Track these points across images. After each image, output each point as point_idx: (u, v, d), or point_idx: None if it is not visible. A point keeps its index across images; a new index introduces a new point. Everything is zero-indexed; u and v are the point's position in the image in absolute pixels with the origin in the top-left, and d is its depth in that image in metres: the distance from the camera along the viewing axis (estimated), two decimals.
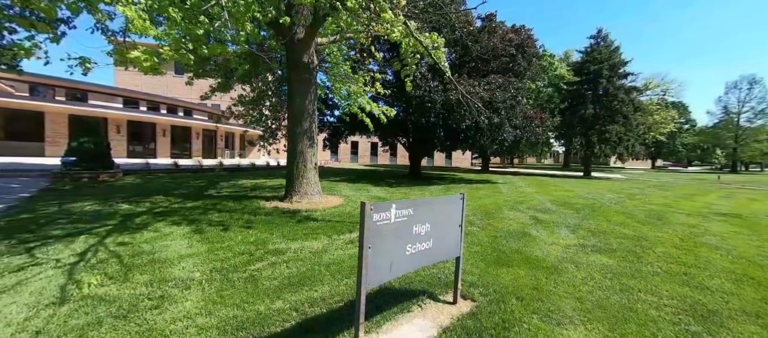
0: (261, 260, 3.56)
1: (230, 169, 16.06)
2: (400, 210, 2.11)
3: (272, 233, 4.54)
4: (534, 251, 4.06)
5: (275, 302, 2.58)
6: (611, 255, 3.96)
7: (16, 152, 15.40)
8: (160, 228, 4.56)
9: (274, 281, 2.99)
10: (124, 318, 2.32)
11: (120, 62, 3.82)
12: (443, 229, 2.50)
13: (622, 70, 22.09)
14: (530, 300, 2.67)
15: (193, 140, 23.12)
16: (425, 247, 2.34)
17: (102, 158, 10.04)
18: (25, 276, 2.94)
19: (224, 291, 2.77)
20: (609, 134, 20.78)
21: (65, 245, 3.75)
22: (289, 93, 6.93)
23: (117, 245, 3.80)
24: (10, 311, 2.35)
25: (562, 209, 7.44)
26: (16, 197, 6.70)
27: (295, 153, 6.81)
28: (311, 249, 3.95)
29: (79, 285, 2.78)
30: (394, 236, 2.10)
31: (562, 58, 34.76)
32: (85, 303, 2.49)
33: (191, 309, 2.45)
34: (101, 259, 3.38)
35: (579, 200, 8.99)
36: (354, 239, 4.40)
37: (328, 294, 2.74)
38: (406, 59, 4.94)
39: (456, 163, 38.50)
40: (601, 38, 22.68)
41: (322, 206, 6.53)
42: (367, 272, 1.91)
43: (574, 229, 5.35)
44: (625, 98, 20.99)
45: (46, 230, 4.36)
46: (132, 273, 3.08)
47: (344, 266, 3.40)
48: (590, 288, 2.97)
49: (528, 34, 13.04)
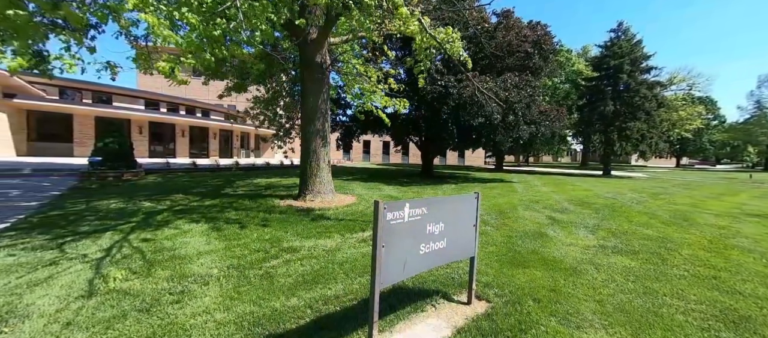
0: (276, 257, 3.62)
1: (246, 168, 16.44)
2: (414, 209, 2.10)
3: (287, 231, 4.61)
4: (551, 252, 3.96)
5: (290, 299, 2.62)
6: (633, 257, 3.81)
7: (47, 152, 16.29)
8: (180, 226, 4.72)
9: (288, 278, 3.04)
10: (147, 311, 2.40)
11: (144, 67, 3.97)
12: (457, 228, 2.46)
13: (645, 64, 21.18)
14: (548, 302, 2.60)
15: (210, 140, 23.78)
16: (439, 247, 2.32)
17: (126, 158, 10.48)
18: (56, 269, 3.10)
19: (241, 287, 2.83)
20: (630, 131, 19.98)
21: (93, 241, 3.93)
22: (303, 93, 7.01)
23: (140, 242, 3.96)
24: (43, 303, 2.49)
25: (580, 209, 7.22)
26: (48, 195, 7.07)
27: (309, 152, 6.89)
28: (324, 247, 3.99)
29: (105, 280, 2.91)
30: (408, 235, 2.08)
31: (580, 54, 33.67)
32: (111, 297, 2.60)
33: (210, 304, 2.52)
34: (125, 254, 3.53)
35: (598, 200, 8.69)
36: (367, 238, 4.42)
37: (342, 292, 2.75)
38: (420, 55, 4.89)
39: (469, 162, 38.00)
40: (622, 32, 21.80)
41: (335, 204, 6.58)
42: (380, 271, 1.91)
43: (593, 230, 5.18)
44: (647, 93, 20.11)
45: (75, 226, 4.59)
46: (154, 268, 3.19)
47: (357, 264, 3.42)
48: (611, 290, 2.87)
49: (545, 30, 12.69)
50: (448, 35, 4.63)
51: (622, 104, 20.54)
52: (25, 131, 15.88)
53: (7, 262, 3.22)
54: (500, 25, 12.09)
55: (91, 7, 3.10)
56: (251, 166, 17.40)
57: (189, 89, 27.61)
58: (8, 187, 7.90)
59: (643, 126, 20.16)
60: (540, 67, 12.77)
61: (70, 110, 17.08)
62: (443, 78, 10.91)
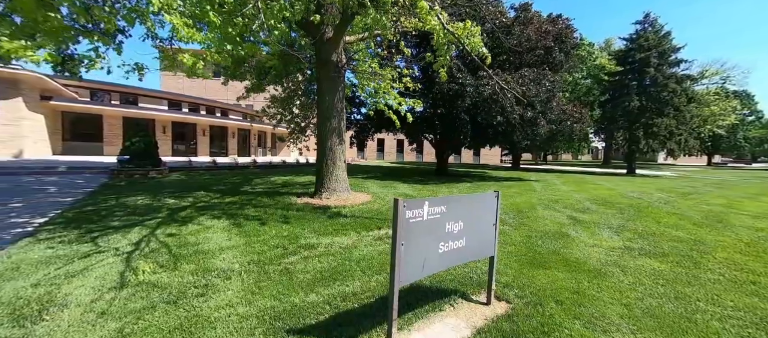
0: (294, 254, 3.69)
1: (263, 166, 16.82)
2: (433, 207, 2.08)
3: (304, 228, 4.68)
4: (573, 253, 3.83)
5: (309, 295, 2.66)
6: (663, 260, 3.63)
7: (80, 151, 17.24)
8: (202, 222, 4.88)
9: (307, 274, 3.08)
10: (174, 303, 2.50)
11: (169, 66, 4.13)
12: (477, 227, 2.42)
13: (674, 56, 20.09)
14: (571, 305, 2.52)
15: (229, 139, 24.48)
16: (458, 245, 2.29)
17: (151, 157, 10.95)
18: (90, 262, 3.28)
19: (262, 282, 2.90)
20: (657, 127, 19.00)
21: (122, 236, 4.13)
22: (319, 92, 7.09)
23: (166, 237, 4.12)
24: (79, 293, 2.64)
25: (603, 208, 6.95)
26: (82, 192, 7.49)
27: (325, 151, 6.96)
28: (341, 245, 4.03)
29: (135, 272, 3.05)
30: (427, 233, 2.07)
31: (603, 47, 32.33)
32: (140, 289, 2.72)
33: (232, 298, 2.59)
34: (153, 249, 3.69)
35: (622, 200, 8.34)
36: (383, 236, 4.42)
37: (360, 290, 2.77)
38: (440, 51, 4.83)
39: (484, 160, 37.35)
40: (649, 23, 20.75)
41: (351, 202, 6.63)
42: (400, 269, 1.91)
43: (617, 230, 4.97)
44: (676, 87, 19.07)
45: (106, 221, 4.84)
46: (180, 262, 3.32)
47: (374, 262, 3.43)
48: (639, 294, 2.74)
49: (566, 24, 12.24)
50: (466, 29, 4.54)
51: (648, 99, 19.59)
52: (60, 131, 16.88)
53: (46, 254, 3.44)
54: (518, 19, 11.77)
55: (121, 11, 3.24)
56: (268, 164, 17.79)
57: (208, 90, 28.54)
58: (47, 184, 8.43)
59: (671, 122, 19.14)
60: (560, 62, 12.35)
61: (100, 110, 18.00)
62: (460, 75, 10.75)
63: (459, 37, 4.57)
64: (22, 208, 5.63)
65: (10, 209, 5.55)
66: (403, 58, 8.99)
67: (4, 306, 2.40)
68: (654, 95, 19.43)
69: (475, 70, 11.49)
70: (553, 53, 11.99)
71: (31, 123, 13.91)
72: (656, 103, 19.28)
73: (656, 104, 19.30)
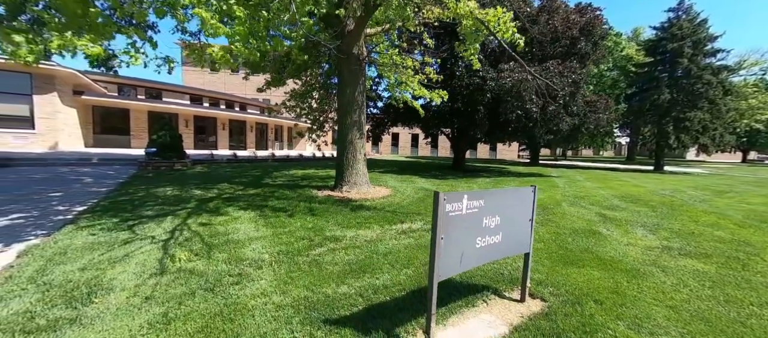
0: (320, 246, 3.72)
1: (281, 159, 17.11)
2: (472, 201, 2.03)
3: (328, 220, 4.72)
4: (607, 251, 3.68)
5: (340, 286, 2.68)
6: (706, 261, 3.44)
7: (109, 143, 18.07)
8: (230, 212, 5.01)
9: (336, 266, 3.11)
10: (211, 290, 2.58)
11: (196, 60, 4.22)
12: (513, 222, 2.36)
13: (710, 46, 18.91)
14: (612, 305, 2.42)
15: (248, 132, 25.02)
16: (495, 241, 2.24)
17: (176, 149, 11.32)
18: (130, 249, 3.43)
19: (293, 273, 2.94)
20: (690, 122, 17.98)
21: (157, 224, 4.30)
22: (339, 85, 7.09)
23: (198, 226, 4.26)
24: (123, 278, 2.76)
25: (634, 206, 6.66)
26: (114, 182, 7.85)
27: (345, 144, 6.98)
28: (366, 238, 4.04)
29: (172, 259, 3.16)
30: (465, 227, 2.02)
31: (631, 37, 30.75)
32: (179, 275, 2.82)
33: (266, 287, 2.64)
34: (187, 237, 3.81)
35: (653, 197, 7.97)
36: (406, 230, 4.41)
37: (390, 283, 2.76)
38: (469, 40, 4.72)
39: (501, 155, 36.63)
40: (683, 11, 19.53)
41: (372, 196, 6.64)
42: (439, 262, 1.88)
43: (652, 229, 4.75)
44: (712, 79, 17.94)
45: (140, 210, 5.04)
46: (213, 251, 3.42)
47: (400, 256, 3.41)
48: (685, 296, 2.61)
49: (594, 13, 11.67)
50: (497, 16, 4.39)
51: (680, 91, 18.54)
52: (90, 124, 17.72)
53: (89, 240, 3.62)
54: (544, 8, 11.31)
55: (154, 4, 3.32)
56: (286, 157, 18.09)
57: (228, 85, 29.20)
58: (82, 174, 8.88)
59: (705, 116, 18.07)
60: (587, 53, 11.82)
61: (127, 105, 18.75)
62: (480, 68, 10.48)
63: (489, 24, 4.42)
64: (62, 197, 5.95)
65: (51, 197, 5.88)
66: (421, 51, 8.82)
67: (56, 288, 2.54)
68: (686, 87, 18.37)
69: (495, 62, 11.19)
70: (580, 44, 11.49)
71: (65, 117, 14.66)
72: (689, 95, 18.24)
73: (689, 96, 18.25)
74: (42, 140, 13.40)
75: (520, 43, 4.48)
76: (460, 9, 4.87)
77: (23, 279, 2.67)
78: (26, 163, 9.99)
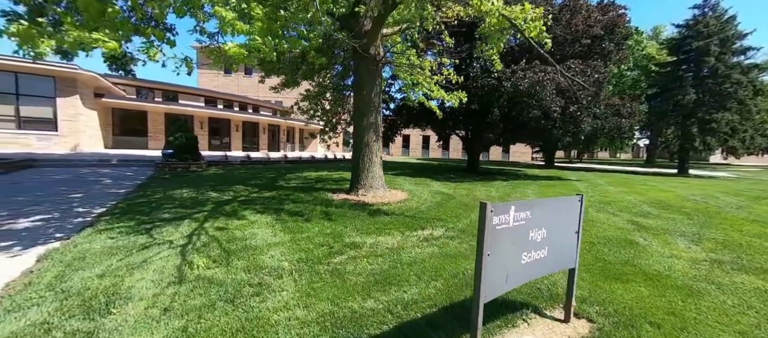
0: (340, 253, 3.57)
1: (293, 161, 17.15)
2: (519, 213, 1.83)
3: (346, 226, 4.57)
4: (650, 264, 3.40)
5: (366, 300, 2.51)
6: (766, 278, 3.12)
7: (127, 145, 18.50)
8: (246, 216, 4.92)
9: (359, 277, 2.94)
10: (231, 302, 2.45)
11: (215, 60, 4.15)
12: (559, 235, 2.14)
13: (739, 44, 18.00)
14: (671, 329, 2.17)
15: (260, 134, 25.26)
16: (541, 256, 2.03)
17: (192, 151, 11.44)
18: (148, 254, 3.35)
19: (315, 283, 2.79)
20: (716, 123, 17.12)
21: (174, 228, 4.23)
22: (356, 86, 6.96)
23: (215, 230, 4.17)
24: (142, 286, 2.66)
25: (666, 213, 6.27)
26: (132, 184, 7.92)
27: (361, 146, 6.83)
28: (387, 245, 3.86)
29: (190, 266, 3.06)
30: (511, 242, 1.83)
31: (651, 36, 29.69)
32: (198, 285, 2.71)
33: (289, 299, 2.50)
34: (204, 243, 3.72)
35: (684, 203, 7.52)
36: (428, 238, 4.21)
37: (419, 297, 2.58)
38: (493, 39, 4.51)
39: (514, 157, 35.90)
40: (709, 7, 18.67)
41: (388, 200, 6.47)
42: (485, 281, 1.68)
43: (694, 239, 4.41)
44: (741, 78, 17.05)
45: (157, 213, 5.01)
46: (231, 258, 3.31)
47: (426, 266, 3.22)
48: (753, 320, 2.32)
49: (618, 12, 11.22)
50: (525, 13, 4.16)
51: (706, 92, 17.71)
52: (110, 126, 18.19)
53: (107, 244, 3.57)
54: (566, 6, 10.93)
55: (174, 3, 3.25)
56: (298, 159, 18.13)
57: (241, 88, 29.61)
58: (102, 175, 9.03)
59: (733, 117, 17.18)
60: (609, 53, 11.37)
61: (145, 107, 19.18)
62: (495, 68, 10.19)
63: (515, 22, 4.20)
64: (83, 198, 6.00)
65: (72, 199, 5.93)
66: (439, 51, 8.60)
67: (74, 297, 2.46)
68: (713, 88, 17.53)
69: (512, 62, 10.88)
70: (603, 43, 11.05)
71: (86, 119, 15.06)
72: (716, 96, 17.40)
73: (716, 97, 17.41)
74: (64, 141, 13.78)
75: (548, 42, 4.23)
76: (484, 6, 4.65)
77: (42, 286, 2.61)
78: (49, 164, 10.24)
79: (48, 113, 13.49)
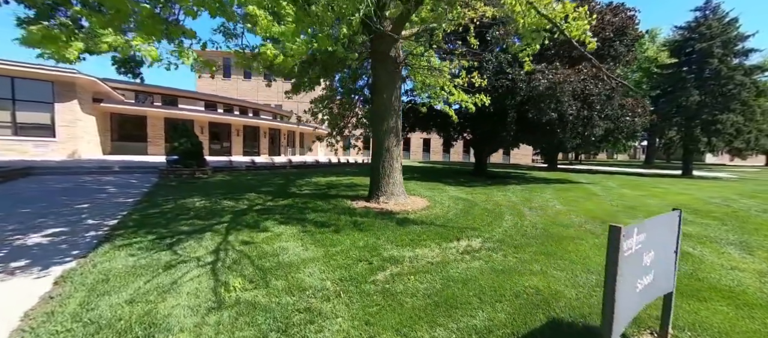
0: (382, 269, 3.32)
1: (298, 166, 16.83)
2: (639, 236, 1.60)
3: (378, 237, 4.31)
4: (717, 278, 3.19)
5: (435, 328, 2.26)
6: None
7: (126, 150, 18.03)
8: (270, 228, 4.64)
9: (415, 299, 2.69)
10: (285, 332, 2.18)
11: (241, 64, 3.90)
12: (662, 257, 1.92)
13: (741, 46, 18.14)
14: None
15: (261, 138, 24.87)
16: (649, 281, 1.80)
17: (197, 157, 11.09)
18: (176, 274, 3.06)
19: (368, 307, 2.53)
20: (721, 124, 17.19)
21: (197, 242, 3.94)
22: (375, 89, 6.73)
23: (241, 244, 3.89)
24: (179, 314, 2.38)
25: (698, 218, 6.11)
26: (139, 192, 7.58)
27: (381, 152, 6.59)
28: (427, 259, 3.61)
29: (226, 288, 2.78)
30: (632, 267, 1.59)
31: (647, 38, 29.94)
32: (241, 311, 2.43)
33: (348, 329, 2.24)
34: (234, 259, 3.44)
35: (708, 207, 7.37)
36: (468, 250, 3.97)
37: (491, 324, 2.33)
38: (527, 38, 4.32)
39: (514, 159, 35.87)
40: (711, 10, 18.83)
41: (411, 208, 6.22)
42: (618, 314, 1.44)
43: (743, 248, 4.22)
44: (744, 80, 17.17)
45: (174, 225, 4.70)
46: (268, 277, 3.03)
47: (482, 285, 2.98)
48: None
49: (628, 15, 11.16)
50: (565, 11, 3.97)
51: (709, 93, 17.78)
52: (108, 131, 17.71)
53: (129, 263, 3.27)
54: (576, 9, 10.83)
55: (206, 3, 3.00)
56: (303, 164, 17.80)
57: (240, 91, 29.22)
58: (105, 183, 8.66)
59: (738, 119, 17.26)
60: (620, 54, 11.29)
61: (144, 112, 18.74)
62: (510, 70, 10.05)
63: (554, 21, 4.00)
64: (90, 209, 5.66)
65: (78, 210, 5.59)
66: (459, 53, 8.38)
67: (106, 329, 2.17)
68: (716, 89, 17.61)
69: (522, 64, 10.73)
70: (613, 44, 10.97)
71: (84, 124, 14.62)
72: (720, 97, 17.46)
73: (720, 98, 17.47)
74: (62, 147, 13.34)
75: (593, 42, 4.03)
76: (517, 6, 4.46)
77: (67, 316, 2.31)
78: (47, 172, 9.83)
79: (45, 118, 13.05)
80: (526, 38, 4.52)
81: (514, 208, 6.61)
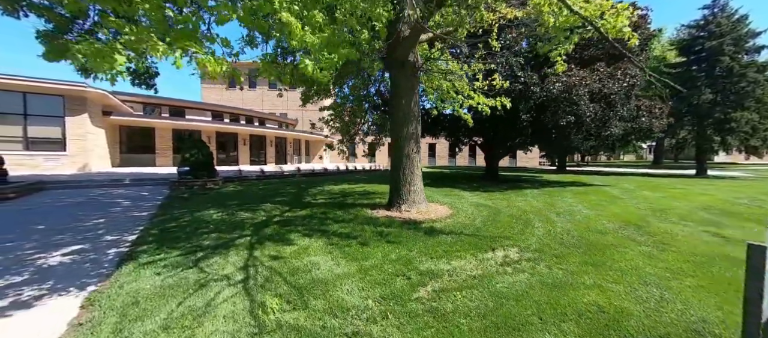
0: (422, 284, 3.12)
1: (307, 174, 16.70)
2: None
3: (410, 249, 4.12)
4: None
5: None
6: None
7: (135, 162, 18.03)
8: (295, 241, 4.46)
9: (468, 319, 2.49)
10: None
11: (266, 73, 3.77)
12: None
13: (752, 42, 17.90)
14: None
15: (267, 147, 24.86)
16: None
17: (208, 168, 10.99)
18: (208, 294, 2.88)
19: (423, 331, 2.33)
20: (736, 123, 16.87)
21: (223, 258, 3.77)
22: (393, 95, 6.59)
23: (270, 260, 3.71)
24: None
25: (735, 221, 5.85)
26: (152, 204, 7.45)
27: (401, 158, 6.43)
28: (467, 272, 3.41)
29: (264, 310, 2.60)
30: None
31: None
32: (284, 336, 2.25)
33: None
34: (265, 277, 3.26)
35: (740, 208, 7.10)
36: (507, 261, 3.76)
37: None
38: (558, 37, 4.17)
39: (521, 162, 35.59)
40: (719, 8, 18.66)
41: (434, 216, 6.02)
42: None
43: None
44: (758, 77, 16.90)
45: (195, 240, 4.54)
46: (305, 296, 2.84)
47: (537, 302, 2.77)
48: None
49: (641, 13, 11.03)
50: (603, 8, 3.81)
51: (721, 91, 17.52)
52: (117, 144, 17.75)
53: (157, 283, 3.10)
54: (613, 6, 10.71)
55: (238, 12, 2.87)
56: (311, 172, 17.68)
57: (246, 101, 29.32)
58: (117, 196, 8.55)
59: (753, 116, 16.95)
60: (634, 54, 11.11)
61: (152, 123, 18.79)
62: (522, 74, 9.90)
63: (591, 19, 3.84)
64: (107, 224, 5.53)
65: (95, 225, 5.46)
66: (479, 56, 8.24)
67: None
68: (729, 87, 17.34)
69: (540, 66, 10.59)
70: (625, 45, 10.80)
71: (95, 137, 14.63)
72: (733, 95, 17.18)
73: (733, 96, 17.20)
74: (72, 161, 13.32)
75: (635, 37, 3.86)
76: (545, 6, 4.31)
77: None
78: (60, 186, 9.77)
79: (56, 132, 13.06)
80: (559, 37, 4.36)
81: (541, 214, 6.39)
